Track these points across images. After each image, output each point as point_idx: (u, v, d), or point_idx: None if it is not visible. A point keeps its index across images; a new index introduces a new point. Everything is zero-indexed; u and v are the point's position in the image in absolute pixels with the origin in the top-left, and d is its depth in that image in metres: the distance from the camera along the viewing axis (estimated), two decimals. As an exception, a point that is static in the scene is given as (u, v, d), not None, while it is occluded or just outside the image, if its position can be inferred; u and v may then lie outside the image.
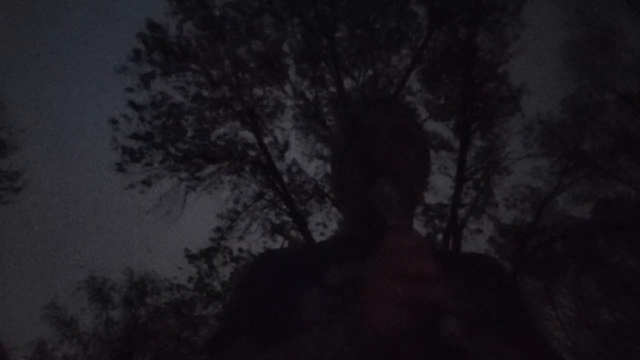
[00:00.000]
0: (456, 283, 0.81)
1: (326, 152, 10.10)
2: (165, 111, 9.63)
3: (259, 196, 9.90)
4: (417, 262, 0.55)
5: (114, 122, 9.49)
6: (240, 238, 9.73)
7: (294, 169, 10.01)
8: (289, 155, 10.08)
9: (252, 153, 9.91)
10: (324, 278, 0.78)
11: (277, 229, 9.69)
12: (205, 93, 9.83)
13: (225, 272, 9.67)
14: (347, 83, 10.03)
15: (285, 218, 9.81)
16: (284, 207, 9.75)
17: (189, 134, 9.82)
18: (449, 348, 0.54)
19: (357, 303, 0.58)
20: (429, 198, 9.84)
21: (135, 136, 9.48)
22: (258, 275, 0.86)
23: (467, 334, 0.55)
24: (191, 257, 9.77)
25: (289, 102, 10.28)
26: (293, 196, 9.76)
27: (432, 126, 10.54)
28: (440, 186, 10.00)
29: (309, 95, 10.26)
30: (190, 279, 9.94)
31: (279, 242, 9.64)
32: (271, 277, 0.83)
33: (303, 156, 10.01)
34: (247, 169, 9.89)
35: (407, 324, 0.54)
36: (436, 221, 10.05)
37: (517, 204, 11.22)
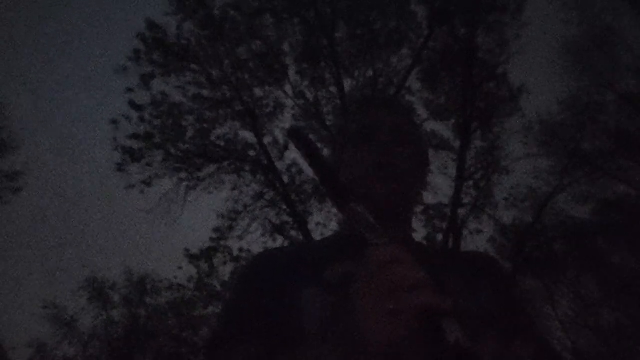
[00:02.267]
0: (456, 282, 0.81)
1: (326, 152, 10.08)
2: (165, 111, 9.63)
3: (259, 196, 9.89)
4: (403, 272, 0.54)
5: (115, 122, 9.49)
6: (240, 238, 9.73)
7: (294, 169, 10.02)
8: (289, 155, 10.09)
9: (252, 153, 9.91)
10: (324, 276, 0.78)
11: (277, 229, 9.68)
12: (205, 93, 9.83)
13: (225, 272, 9.67)
14: (347, 83, 10.05)
15: (285, 218, 9.81)
16: (284, 207, 9.74)
17: (189, 134, 9.83)
18: (456, 353, 0.52)
19: (351, 322, 0.57)
20: (429, 198, 9.85)
21: (135, 136, 9.48)
22: (257, 274, 0.85)
23: (469, 335, 0.54)
24: (191, 257, 9.76)
25: (289, 102, 10.29)
26: (293, 196, 9.76)
27: (432, 126, 10.54)
28: (440, 186, 9.99)
29: (309, 95, 10.26)
30: (190, 279, 9.94)
31: (279, 242, 9.64)
32: (270, 275, 0.83)
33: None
34: (247, 169, 9.89)
35: (404, 334, 0.53)
36: (436, 221, 10.05)
37: (517, 204, 11.22)
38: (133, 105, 9.49)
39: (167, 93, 9.65)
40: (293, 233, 9.67)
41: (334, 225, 9.84)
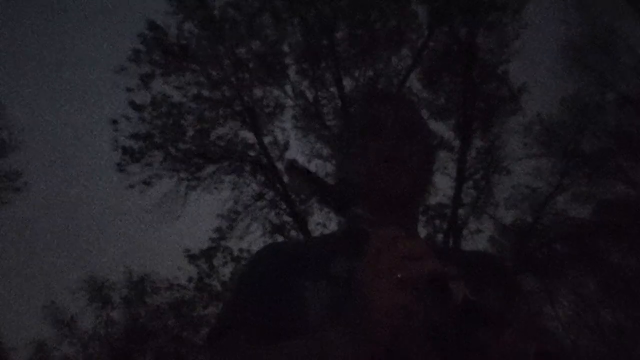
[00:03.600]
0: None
1: (326, 152, 10.10)
2: (165, 111, 9.63)
3: (259, 196, 9.89)
4: (408, 245, 0.58)
5: (114, 122, 9.50)
6: (241, 238, 9.73)
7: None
8: (289, 155, 10.08)
9: (252, 153, 9.91)
10: (329, 270, 0.78)
11: (277, 229, 9.69)
12: (205, 93, 9.84)
13: (225, 272, 9.67)
14: (347, 83, 10.05)
15: (285, 218, 9.82)
16: (284, 207, 9.74)
17: (189, 134, 9.83)
18: (464, 308, 0.56)
19: (358, 294, 0.59)
20: (429, 198, 9.84)
21: (135, 136, 9.48)
22: (261, 268, 0.85)
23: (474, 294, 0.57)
24: (191, 257, 9.76)
25: (289, 102, 10.29)
26: (293, 196, 9.76)
27: (432, 126, 10.48)
28: (440, 186, 9.98)
29: (309, 95, 10.26)
30: (190, 279, 9.94)
31: (279, 242, 9.62)
32: (275, 270, 0.83)
33: (303, 156, 10.01)
34: (247, 169, 9.90)
35: (413, 299, 0.55)
36: (436, 221, 10.05)
37: (517, 204, 11.22)
38: (133, 105, 9.49)
39: (167, 93, 9.66)
40: (293, 233, 9.68)
41: (334, 225, 9.84)
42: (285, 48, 10.07)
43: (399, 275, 0.55)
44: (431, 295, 0.57)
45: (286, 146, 10.10)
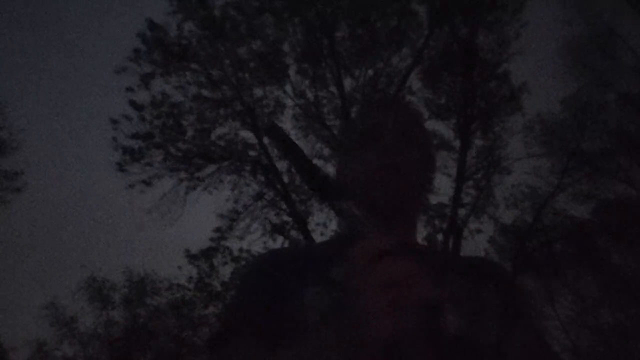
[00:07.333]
0: (457, 285, 0.81)
1: (326, 152, 10.10)
2: (165, 111, 9.63)
3: (259, 196, 9.89)
4: (399, 265, 0.55)
5: (115, 122, 9.49)
6: (240, 238, 9.73)
7: (294, 169, 9.99)
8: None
9: (252, 153, 9.91)
10: (328, 276, 0.78)
11: (277, 229, 9.68)
12: (205, 93, 9.83)
13: (225, 272, 9.68)
14: (348, 83, 10.04)
15: (285, 218, 9.81)
16: (284, 207, 9.74)
17: (189, 133, 9.83)
18: (454, 340, 0.55)
19: (352, 311, 0.57)
20: (429, 198, 9.82)
21: (135, 136, 9.48)
22: (260, 274, 0.85)
23: (469, 325, 0.55)
24: (191, 257, 9.77)
25: (289, 102, 10.29)
26: (293, 196, 9.75)
27: (433, 126, 10.52)
28: (440, 186, 9.97)
29: (309, 95, 10.26)
30: (190, 279, 9.95)
31: (279, 242, 9.64)
32: (274, 275, 0.83)
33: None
34: (247, 169, 9.89)
35: (405, 325, 0.53)
36: (436, 221, 10.04)
37: (517, 204, 11.23)
38: (133, 105, 9.49)
39: (167, 93, 9.66)
40: (293, 233, 9.67)
41: (334, 225, 9.84)
42: (286, 48, 10.08)
43: (390, 299, 0.53)
44: (423, 323, 0.54)
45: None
